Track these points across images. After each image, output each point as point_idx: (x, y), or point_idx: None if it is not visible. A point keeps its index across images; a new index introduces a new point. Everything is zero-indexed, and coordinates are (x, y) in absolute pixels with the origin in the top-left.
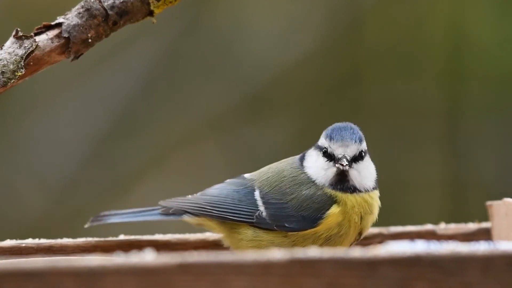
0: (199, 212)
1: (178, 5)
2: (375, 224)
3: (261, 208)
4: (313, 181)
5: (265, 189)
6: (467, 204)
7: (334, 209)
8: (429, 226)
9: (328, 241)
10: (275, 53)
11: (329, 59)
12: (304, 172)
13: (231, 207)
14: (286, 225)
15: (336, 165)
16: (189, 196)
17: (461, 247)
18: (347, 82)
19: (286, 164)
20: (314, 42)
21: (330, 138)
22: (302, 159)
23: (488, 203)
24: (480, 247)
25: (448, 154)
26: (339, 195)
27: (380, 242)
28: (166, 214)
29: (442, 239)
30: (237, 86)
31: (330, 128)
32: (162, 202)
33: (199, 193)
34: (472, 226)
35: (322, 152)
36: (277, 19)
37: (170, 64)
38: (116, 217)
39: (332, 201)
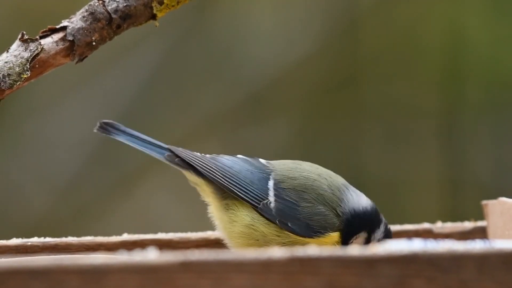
0: (206, 173)
1: (180, 9)
2: None
3: (271, 198)
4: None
5: (283, 185)
6: (463, 203)
7: (336, 236)
8: (426, 225)
9: None
10: (275, 55)
11: (328, 61)
12: (335, 197)
13: (241, 183)
14: (289, 224)
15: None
16: (198, 153)
17: (458, 245)
18: (346, 84)
19: (322, 179)
20: (313, 44)
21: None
22: (346, 193)
23: (484, 202)
24: (476, 246)
25: (444, 154)
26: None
27: (378, 240)
28: (171, 161)
29: (439, 237)
30: (238, 88)
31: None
32: (171, 147)
33: (208, 155)
34: (468, 224)
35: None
36: (278, 22)
37: (172, 66)
38: (123, 136)
39: (338, 229)
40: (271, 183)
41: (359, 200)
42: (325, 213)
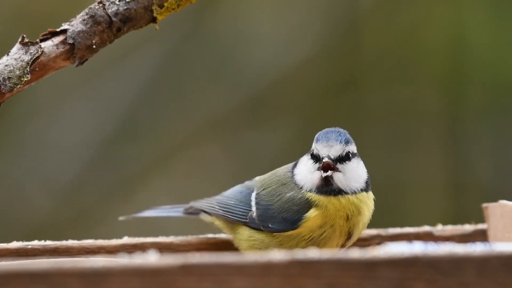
0: (210, 210)
1: (181, 12)
2: (373, 226)
3: (253, 208)
4: (299, 185)
5: (260, 191)
6: (464, 206)
7: (312, 212)
8: (426, 228)
9: (310, 242)
10: (276, 57)
11: (329, 63)
12: (293, 177)
13: (231, 207)
14: (270, 225)
15: (323, 161)
16: (215, 196)
17: (458, 248)
18: (347, 86)
19: (282, 169)
20: (314, 46)
21: (317, 140)
22: (294, 165)
23: (484, 205)
24: (476, 248)
25: (445, 156)
26: (320, 198)
27: (379, 243)
28: (187, 213)
29: (439, 240)
30: (239, 90)
31: (319, 132)
32: (191, 202)
33: (218, 195)
34: (468, 227)
35: (310, 155)
36: (278, 25)
37: (173, 69)
38: (148, 212)
39: (310, 204)
40: (253, 195)
41: (301, 160)
42: (291, 197)
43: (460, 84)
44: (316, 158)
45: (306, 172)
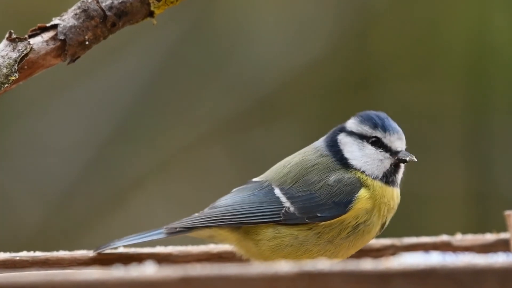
0: (212, 224)
1: (181, 5)
2: (387, 235)
3: (287, 204)
4: (351, 167)
5: (287, 185)
6: (485, 214)
7: (364, 192)
8: (444, 237)
9: (356, 230)
10: (284, 56)
11: (339, 62)
12: (336, 160)
13: (252, 211)
14: (318, 214)
15: (399, 157)
16: (195, 214)
17: (478, 259)
18: (358, 85)
19: (308, 155)
20: (325, 44)
21: (384, 128)
22: (331, 146)
23: (507, 212)
24: (498, 259)
25: (466, 161)
26: (375, 184)
27: (393, 254)
28: (172, 232)
29: (458, 250)
30: (246, 90)
31: (372, 116)
32: (167, 226)
33: (206, 209)
34: (490, 237)
35: (369, 142)
36: (286, 22)
37: (173, 68)
38: (121, 242)
39: (361, 184)
40: (277, 191)
41: (323, 138)
42: (339, 179)
43: (483, 82)
44: (384, 147)
45: (370, 159)
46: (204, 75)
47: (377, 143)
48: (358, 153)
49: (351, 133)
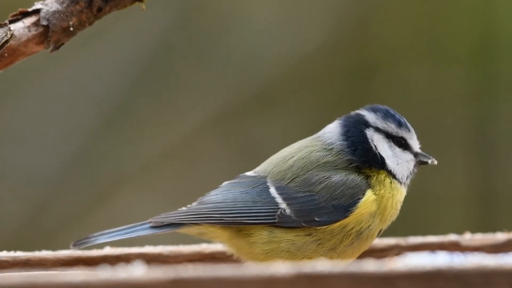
0: (202, 221)
1: None
2: (392, 234)
3: (283, 205)
4: (351, 166)
5: (285, 181)
6: (496, 213)
7: (369, 195)
8: (452, 237)
9: (359, 236)
10: (279, 44)
11: (337, 50)
12: (357, 158)
13: (244, 211)
14: (316, 219)
15: (421, 159)
16: (183, 208)
17: (488, 260)
18: (359, 74)
19: (314, 151)
20: (326, 31)
21: (407, 128)
22: (357, 143)
23: None
24: (509, 260)
25: (475, 155)
26: (393, 185)
27: (398, 254)
28: (159, 227)
29: (467, 250)
30: (238, 78)
31: (392, 112)
32: (153, 219)
33: (194, 203)
34: (500, 236)
35: (395, 141)
36: (282, 10)
37: (163, 55)
38: (104, 237)
39: (367, 185)
40: (273, 190)
41: (335, 130)
42: (342, 180)
43: (492, 69)
44: (410, 148)
45: (402, 160)
46: (196, 63)
47: (402, 143)
48: (389, 153)
49: (378, 130)
